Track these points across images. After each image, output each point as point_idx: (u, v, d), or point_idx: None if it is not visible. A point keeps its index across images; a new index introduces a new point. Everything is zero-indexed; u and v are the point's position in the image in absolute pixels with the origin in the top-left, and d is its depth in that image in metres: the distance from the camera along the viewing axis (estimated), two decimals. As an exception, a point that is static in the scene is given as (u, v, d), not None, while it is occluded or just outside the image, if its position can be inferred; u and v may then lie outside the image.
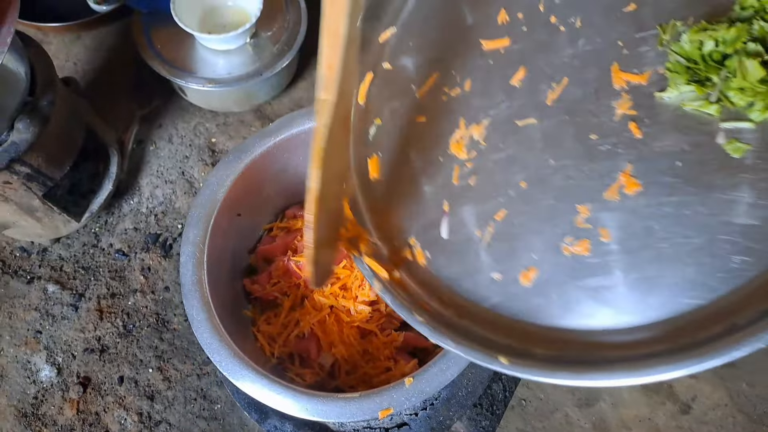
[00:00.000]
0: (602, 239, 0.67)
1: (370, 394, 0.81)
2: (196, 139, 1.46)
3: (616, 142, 0.69)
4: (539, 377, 0.63)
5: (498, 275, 0.71)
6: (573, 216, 0.69)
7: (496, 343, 0.68)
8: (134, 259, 1.34)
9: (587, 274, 0.67)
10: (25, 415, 1.20)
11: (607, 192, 0.68)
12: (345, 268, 1.01)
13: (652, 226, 0.65)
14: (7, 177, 1.08)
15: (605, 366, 0.62)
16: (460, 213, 0.75)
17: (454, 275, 0.74)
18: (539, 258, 0.70)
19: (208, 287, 0.89)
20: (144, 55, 1.37)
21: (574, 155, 0.71)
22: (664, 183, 0.66)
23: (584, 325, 0.66)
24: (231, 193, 0.96)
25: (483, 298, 0.72)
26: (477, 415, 1.04)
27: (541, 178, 0.72)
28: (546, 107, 0.74)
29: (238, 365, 0.83)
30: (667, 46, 0.70)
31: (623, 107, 0.70)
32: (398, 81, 0.85)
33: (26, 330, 1.27)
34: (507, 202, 0.73)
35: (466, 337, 0.69)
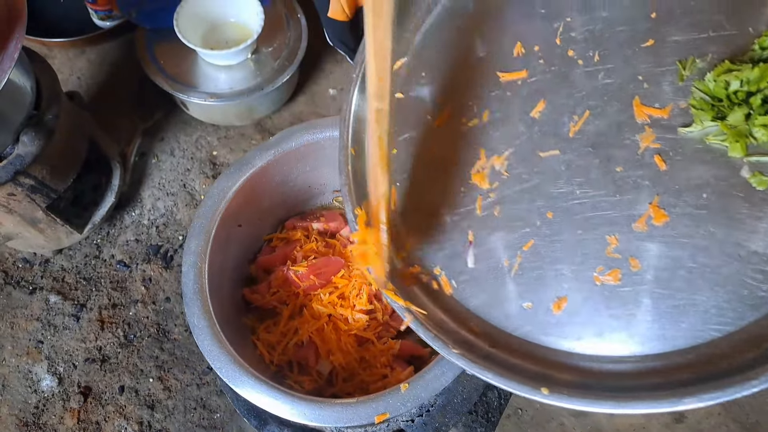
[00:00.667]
0: (632, 269, 0.69)
1: (367, 400, 0.83)
2: (197, 152, 1.49)
3: (642, 174, 0.71)
4: (579, 406, 0.64)
5: (529, 304, 0.73)
6: (603, 246, 0.71)
7: (529, 370, 0.69)
8: (135, 270, 1.36)
9: (619, 302, 0.69)
10: (26, 424, 1.21)
11: (635, 223, 0.70)
12: (343, 278, 1.03)
13: (681, 256, 0.68)
14: (11, 189, 1.10)
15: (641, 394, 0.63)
16: (485, 243, 0.77)
17: (482, 304, 0.75)
18: (570, 287, 0.71)
19: (209, 296, 0.91)
20: (147, 69, 1.40)
21: (601, 186, 0.73)
22: (692, 214, 0.68)
23: (616, 353, 0.68)
24: (232, 204, 0.98)
25: (514, 327, 0.73)
26: (472, 422, 1.06)
27: (568, 209, 0.74)
28: (569, 139, 0.76)
29: (239, 372, 0.85)
30: (689, 83, 0.72)
31: (647, 140, 0.72)
32: (412, 111, 0.85)
33: (28, 340, 1.29)
34: (534, 232, 0.74)
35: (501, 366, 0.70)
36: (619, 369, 0.68)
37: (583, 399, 0.64)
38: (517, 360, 0.71)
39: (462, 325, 0.75)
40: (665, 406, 0.61)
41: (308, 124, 1.04)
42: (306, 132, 1.02)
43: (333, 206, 1.20)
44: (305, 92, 1.58)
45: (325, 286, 1.04)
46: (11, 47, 0.95)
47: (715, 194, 0.68)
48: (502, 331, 0.73)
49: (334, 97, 1.57)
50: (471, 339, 0.74)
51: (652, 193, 0.70)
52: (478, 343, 0.73)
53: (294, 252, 1.08)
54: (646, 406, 0.62)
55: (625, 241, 0.70)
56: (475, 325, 0.75)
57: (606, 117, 0.75)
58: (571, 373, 0.68)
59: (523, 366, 0.70)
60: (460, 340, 0.74)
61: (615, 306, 0.69)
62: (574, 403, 0.64)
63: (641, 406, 0.62)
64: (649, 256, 0.69)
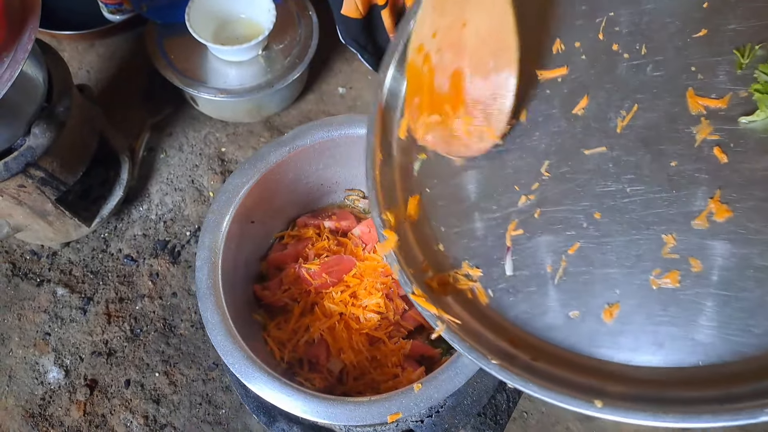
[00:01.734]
0: (693, 270, 0.64)
1: (380, 399, 0.83)
2: (206, 148, 1.48)
3: (700, 167, 0.66)
4: (638, 420, 0.59)
5: (575, 313, 0.67)
6: (658, 246, 0.66)
7: (576, 383, 0.64)
8: (143, 265, 1.35)
9: (678, 308, 0.63)
10: (32, 415, 1.21)
11: (695, 220, 0.65)
12: (355, 277, 1.03)
13: (749, 254, 0.62)
14: (22, 181, 1.10)
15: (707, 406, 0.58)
16: (525, 248, 0.72)
17: (522, 315, 0.70)
18: (622, 292, 0.66)
19: (222, 291, 0.90)
20: (157, 64, 1.40)
21: (654, 183, 0.68)
22: (759, 208, 0.63)
23: (677, 363, 0.62)
24: (246, 200, 0.99)
25: (560, 339, 0.68)
26: (481, 424, 1.06)
27: (617, 208, 0.69)
28: (616, 135, 0.72)
29: (251, 367, 0.85)
30: (749, 71, 0.68)
31: (703, 132, 0.68)
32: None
33: (35, 332, 1.29)
34: (580, 234, 0.70)
35: (546, 378, 0.65)
36: (676, 378, 0.62)
37: (641, 412, 0.59)
38: (564, 372, 0.65)
39: (500, 337, 0.70)
40: (742, 418, 0.55)
41: (323, 121, 1.04)
42: (321, 129, 1.02)
43: (345, 205, 1.20)
44: (314, 90, 1.58)
45: (336, 285, 1.04)
46: (25, 38, 0.95)
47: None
48: (546, 343, 0.68)
49: (343, 95, 1.57)
50: (510, 350, 0.69)
51: (713, 188, 0.65)
52: (518, 354, 0.68)
53: (306, 250, 1.08)
54: (717, 420, 0.56)
55: (683, 240, 0.64)
56: (514, 336, 0.70)
57: (656, 110, 0.71)
58: (626, 385, 0.63)
59: (570, 378, 0.65)
60: (498, 351, 0.69)
61: (674, 312, 0.63)
62: (632, 417, 0.59)
63: (711, 420, 0.56)
64: (712, 255, 0.63)
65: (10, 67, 0.92)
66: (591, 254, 0.69)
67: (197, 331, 1.29)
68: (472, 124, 0.75)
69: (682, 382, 0.62)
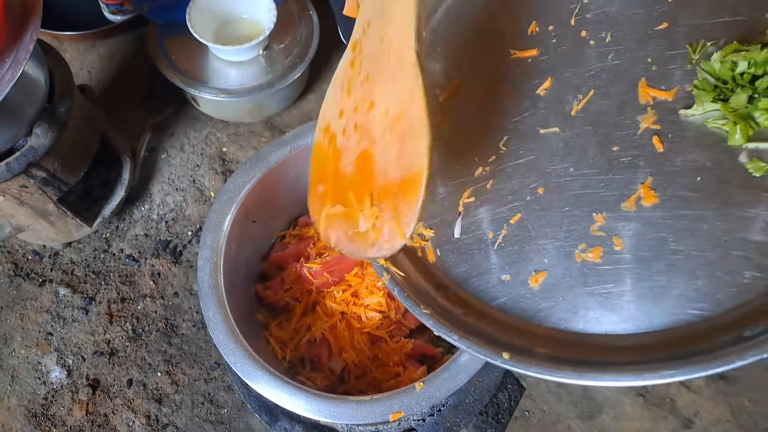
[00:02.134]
0: (615, 247, 0.69)
1: (381, 398, 0.83)
2: (207, 148, 1.49)
3: (638, 154, 0.71)
4: (540, 374, 0.65)
5: (507, 276, 0.73)
6: (588, 224, 0.71)
7: (500, 341, 0.70)
8: (144, 265, 1.36)
9: (597, 280, 0.69)
10: (35, 415, 1.21)
11: (624, 203, 0.70)
12: (356, 276, 1.03)
13: (667, 238, 0.67)
14: (24, 181, 1.10)
15: (604, 368, 0.63)
16: (474, 214, 0.77)
17: (463, 274, 0.76)
18: (550, 262, 0.72)
19: (224, 290, 0.91)
20: (158, 64, 1.40)
21: (595, 165, 0.73)
22: (683, 197, 0.68)
23: (589, 329, 0.68)
24: (247, 200, 0.99)
25: (491, 298, 0.74)
26: (482, 423, 1.06)
27: (559, 186, 0.74)
28: (570, 117, 0.76)
29: (253, 366, 0.85)
30: (697, 65, 0.72)
31: (647, 121, 0.72)
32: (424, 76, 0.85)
33: (37, 332, 1.29)
34: (523, 206, 0.75)
35: (471, 333, 0.71)
36: (589, 342, 0.67)
37: (547, 369, 0.64)
38: (489, 328, 0.71)
39: (439, 292, 0.76)
40: (630, 380, 0.61)
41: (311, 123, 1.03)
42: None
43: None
44: (315, 90, 1.58)
45: (338, 284, 1.04)
46: (26, 39, 0.95)
47: (709, 178, 0.67)
48: (478, 300, 0.74)
49: (343, 95, 1.57)
50: (445, 305, 0.75)
51: (646, 174, 0.70)
52: (452, 308, 0.74)
53: (307, 249, 1.08)
54: (613, 379, 0.61)
55: (611, 219, 0.70)
56: (452, 292, 0.76)
57: (610, 97, 0.75)
58: (540, 345, 0.68)
59: (492, 334, 0.70)
60: (434, 303, 0.75)
61: (593, 283, 0.69)
62: (535, 371, 0.65)
63: (608, 379, 0.62)
64: (633, 235, 0.68)
65: (12, 67, 0.92)
66: (529, 225, 0.74)
67: (199, 331, 1.29)
68: (380, 219, 0.68)
69: (593, 347, 0.67)
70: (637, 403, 1.25)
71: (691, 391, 1.26)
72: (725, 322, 0.62)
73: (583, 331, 0.68)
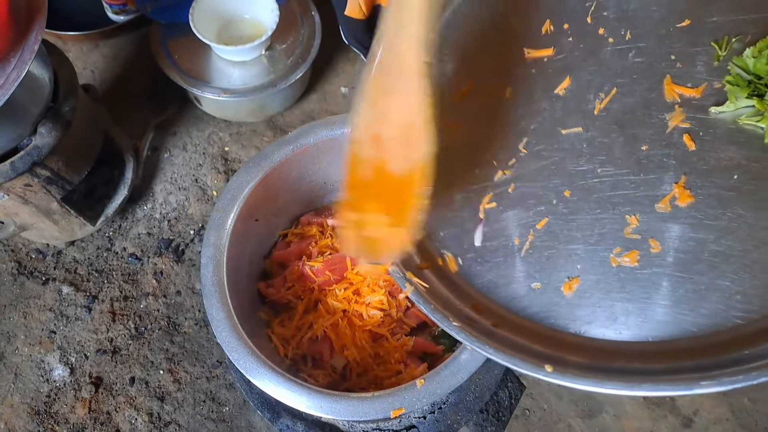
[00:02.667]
0: (652, 250, 0.66)
1: (383, 395, 0.84)
2: (209, 147, 1.49)
3: (669, 153, 0.69)
4: (587, 386, 0.62)
5: (537, 285, 0.70)
6: (621, 226, 0.68)
7: (532, 350, 0.67)
8: (147, 264, 1.36)
9: (635, 285, 0.66)
10: (38, 413, 1.22)
11: (659, 203, 0.67)
12: (358, 274, 1.04)
13: (706, 239, 0.65)
14: (28, 180, 1.11)
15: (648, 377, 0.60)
16: (497, 221, 0.75)
17: (488, 283, 0.73)
18: (583, 268, 0.69)
19: (227, 288, 0.91)
20: (161, 64, 1.41)
21: (624, 165, 0.71)
22: (719, 196, 0.66)
23: (629, 338, 0.65)
24: (250, 199, 0.99)
25: (521, 307, 0.71)
26: (483, 421, 1.07)
27: (587, 188, 0.71)
28: (593, 117, 0.74)
29: (256, 363, 0.86)
30: (725, 63, 0.70)
31: (676, 119, 0.70)
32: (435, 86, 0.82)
33: (41, 330, 1.30)
34: (549, 210, 0.72)
35: (505, 345, 0.67)
36: (630, 350, 0.65)
37: (590, 379, 0.62)
38: (522, 339, 0.68)
39: (465, 303, 0.73)
40: (678, 389, 0.58)
41: (326, 120, 1.04)
42: (324, 128, 1.03)
43: (348, 203, 1.21)
44: (317, 90, 1.59)
45: (340, 282, 1.04)
46: (31, 39, 0.96)
47: (745, 176, 0.65)
48: (508, 311, 0.71)
49: (345, 95, 1.58)
50: (473, 316, 0.72)
51: (679, 173, 0.68)
52: (480, 320, 0.71)
53: (309, 247, 1.08)
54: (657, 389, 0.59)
55: (645, 221, 0.67)
56: (478, 303, 0.73)
57: (634, 95, 0.73)
58: (580, 354, 0.66)
59: (527, 345, 0.68)
60: (461, 315, 0.72)
61: (631, 289, 0.66)
62: (580, 383, 0.62)
63: (653, 389, 0.59)
64: (670, 237, 0.66)
65: (17, 67, 0.93)
66: (558, 230, 0.72)
67: (201, 329, 1.30)
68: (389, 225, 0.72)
69: (632, 354, 0.65)
70: (637, 402, 1.26)
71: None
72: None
73: (621, 339, 0.66)
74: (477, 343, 0.68)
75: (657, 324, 0.65)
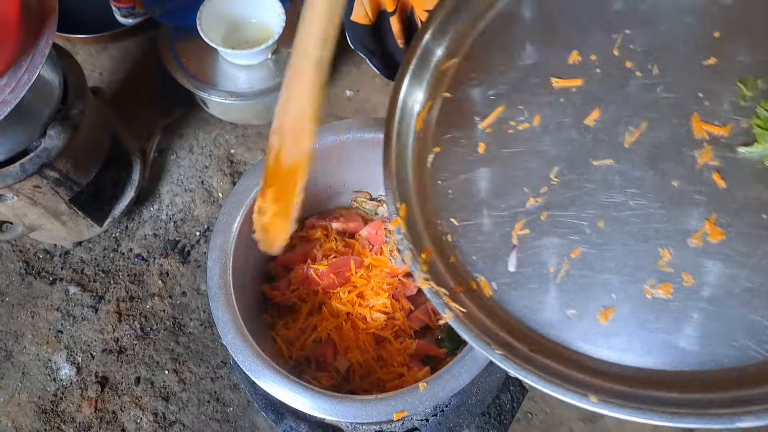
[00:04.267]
0: (685, 284, 0.68)
1: (386, 397, 0.85)
2: (215, 149, 1.51)
3: (699, 190, 0.70)
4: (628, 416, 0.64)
5: (573, 312, 0.72)
6: (655, 258, 0.70)
7: (572, 378, 0.69)
8: (153, 264, 1.38)
9: (669, 317, 0.68)
10: (44, 411, 1.23)
11: (691, 238, 0.69)
12: (362, 278, 1.05)
13: (737, 275, 0.66)
14: (37, 181, 1.13)
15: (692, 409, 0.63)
16: (530, 247, 0.76)
17: (523, 309, 0.75)
18: (618, 297, 0.70)
19: (233, 290, 0.92)
20: (169, 67, 1.42)
21: (656, 199, 0.72)
22: (750, 234, 0.67)
23: (662, 366, 0.67)
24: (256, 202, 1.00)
25: (556, 333, 0.72)
26: (485, 424, 1.08)
27: (620, 219, 0.73)
28: (624, 149, 0.75)
29: (260, 365, 0.87)
30: (753, 101, 0.71)
31: (705, 157, 0.71)
32: (458, 111, 0.85)
33: (48, 329, 1.31)
34: (583, 240, 0.74)
35: (547, 372, 0.69)
36: (667, 380, 0.66)
37: (633, 410, 0.64)
38: (560, 366, 0.70)
39: (501, 328, 0.75)
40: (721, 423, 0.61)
41: (331, 125, 1.05)
42: (329, 132, 1.04)
43: (352, 207, 1.22)
44: (322, 93, 1.60)
45: (344, 285, 1.05)
46: (42, 43, 0.98)
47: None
48: (543, 337, 0.73)
49: (350, 98, 1.59)
50: (511, 341, 0.73)
51: (709, 210, 0.69)
52: (518, 346, 0.73)
53: (314, 251, 1.09)
54: (700, 422, 0.61)
55: (678, 255, 0.69)
56: (514, 328, 0.74)
57: (663, 130, 0.74)
58: (619, 383, 0.67)
59: (566, 372, 0.70)
60: (500, 341, 0.73)
61: (665, 320, 0.68)
62: (625, 413, 0.64)
63: (695, 422, 0.61)
64: (704, 272, 0.68)
65: (28, 71, 0.94)
66: (592, 260, 0.73)
67: (206, 330, 1.31)
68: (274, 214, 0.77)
69: (666, 384, 0.66)
70: (638, 406, 1.26)
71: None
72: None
73: (656, 368, 0.68)
74: (522, 371, 0.70)
75: (690, 354, 0.66)
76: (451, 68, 0.88)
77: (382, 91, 1.59)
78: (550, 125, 0.80)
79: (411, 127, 0.90)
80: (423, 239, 0.85)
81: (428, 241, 0.85)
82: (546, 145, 0.79)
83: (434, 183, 0.86)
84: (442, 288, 0.79)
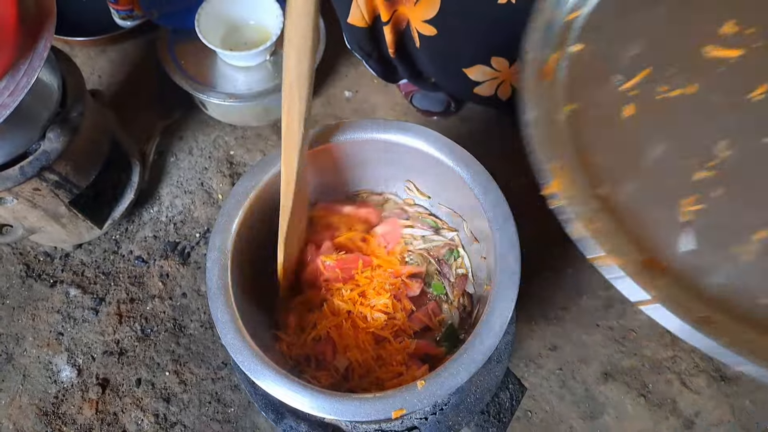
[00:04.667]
0: None
1: (384, 396, 0.85)
2: (215, 151, 1.51)
3: None
4: None
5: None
6: None
7: None
8: (153, 266, 1.38)
9: None
10: (45, 413, 1.24)
11: None
12: (366, 277, 1.05)
13: None
14: (37, 184, 1.13)
15: None
16: (706, 225, 0.68)
17: (719, 287, 0.66)
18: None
19: (231, 291, 0.93)
20: (168, 69, 1.43)
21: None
22: None
23: None
24: (255, 203, 1.00)
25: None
26: (484, 422, 1.08)
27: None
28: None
29: (260, 365, 0.87)
30: None
31: None
32: (593, 67, 0.76)
33: (48, 332, 1.32)
34: (762, 222, 0.66)
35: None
36: None
37: None
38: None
39: (699, 306, 0.65)
40: None
41: (326, 126, 1.05)
42: (328, 135, 1.04)
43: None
44: (321, 94, 1.60)
45: (347, 282, 1.05)
46: (41, 46, 0.98)
47: None
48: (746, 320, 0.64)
49: (349, 99, 1.60)
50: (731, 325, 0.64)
51: None
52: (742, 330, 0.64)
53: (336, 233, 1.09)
54: None
55: None
56: (710, 316, 0.65)
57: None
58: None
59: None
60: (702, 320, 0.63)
61: None
62: None
63: None
64: None
65: (27, 74, 0.95)
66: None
67: (206, 331, 1.31)
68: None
69: None
70: (638, 403, 1.27)
71: (692, 392, 1.27)
72: None
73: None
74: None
75: None
76: (576, 20, 0.79)
77: (381, 92, 1.60)
78: (708, 96, 0.72)
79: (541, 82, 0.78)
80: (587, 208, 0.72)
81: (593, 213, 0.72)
82: (702, 117, 0.72)
83: (581, 147, 0.74)
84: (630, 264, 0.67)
